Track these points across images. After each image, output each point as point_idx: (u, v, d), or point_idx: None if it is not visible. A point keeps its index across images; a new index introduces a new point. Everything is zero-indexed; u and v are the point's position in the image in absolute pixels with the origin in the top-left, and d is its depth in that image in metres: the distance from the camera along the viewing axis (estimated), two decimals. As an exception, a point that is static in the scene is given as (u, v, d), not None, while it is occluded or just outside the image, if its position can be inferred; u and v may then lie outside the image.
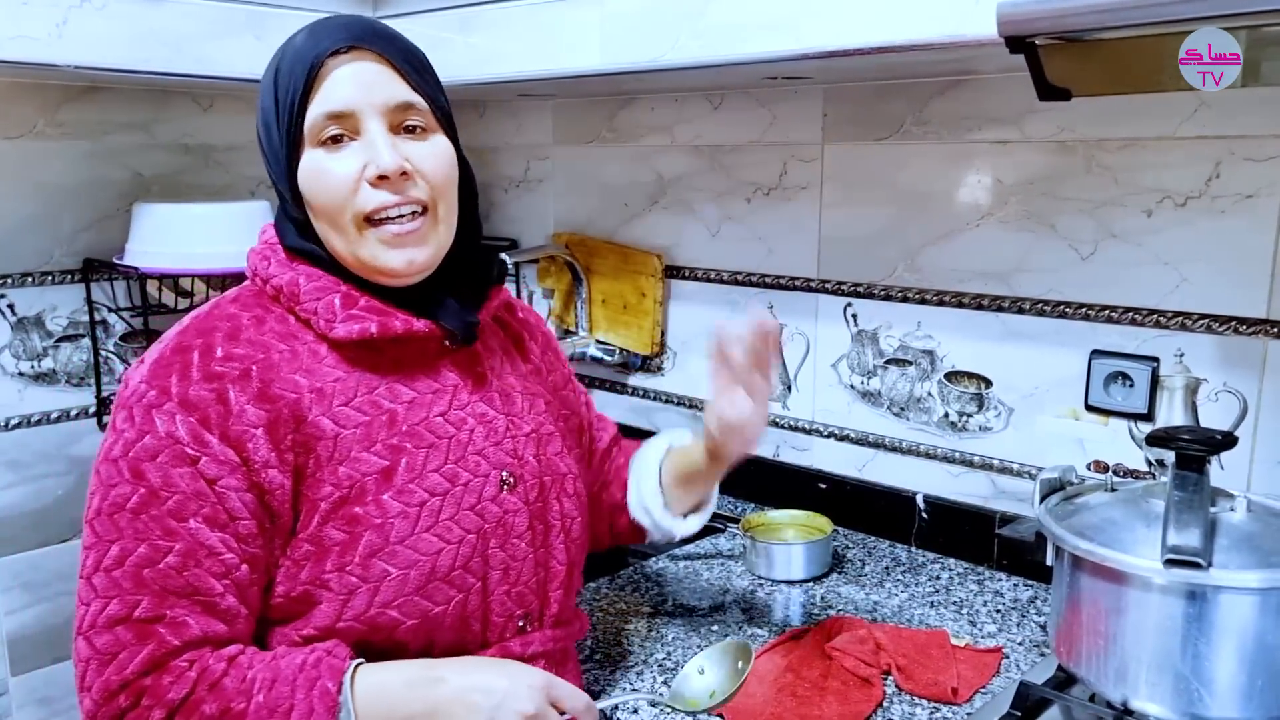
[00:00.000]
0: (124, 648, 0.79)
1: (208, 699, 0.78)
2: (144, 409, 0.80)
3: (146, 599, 0.79)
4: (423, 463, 0.87)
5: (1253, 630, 0.89)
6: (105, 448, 0.82)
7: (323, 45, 0.83)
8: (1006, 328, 1.37)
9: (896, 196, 1.46)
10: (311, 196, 0.85)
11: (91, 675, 0.79)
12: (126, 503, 0.80)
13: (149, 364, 0.83)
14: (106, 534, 0.80)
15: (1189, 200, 1.20)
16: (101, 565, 0.80)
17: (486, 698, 0.80)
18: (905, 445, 1.50)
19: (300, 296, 0.86)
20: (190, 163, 1.82)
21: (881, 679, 1.09)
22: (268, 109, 0.87)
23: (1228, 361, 1.20)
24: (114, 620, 0.79)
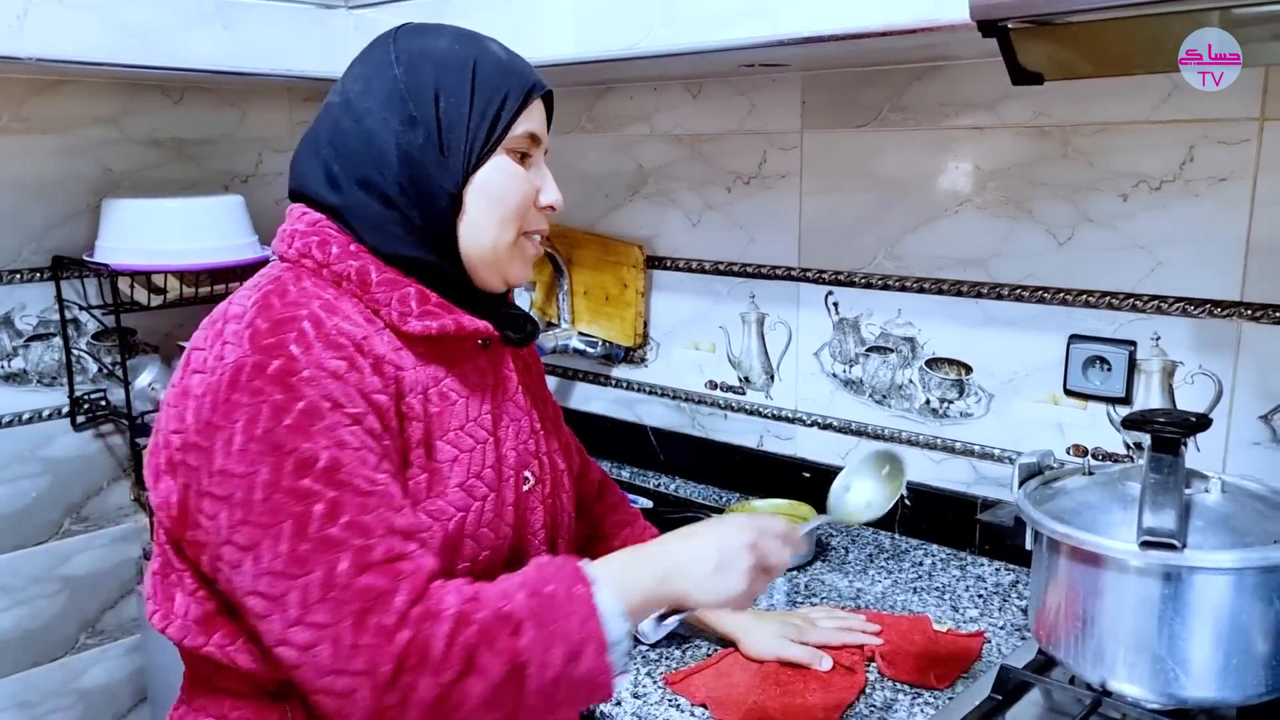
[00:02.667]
0: (379, 593, 0.74)
1: (477, 608, 0.76)
2: (276, 379, 0.76)
3: (379, 543, 0.75)
4: (481, 458, 0.89)
5: (1227, 610, 0.90)
6: (239, 430, 0.75)
7: (534, 79, 0.91)
8: (986, 314, 1.38)
9: (876, 184, 1.45)
10: (501, 194, 0.89)
11: (351, 634, 0.73)
12: (314, 464, 0.75)
13: (245, 339, 0.78)
14: (293, 503, 0.74)
15: (1163, 184, 1.21)
16: (307, 532, 0.74)
17: (717, 551, 0.85)
18: (887, 433, 1.50)
19: (371, 287, 0.85)
20: (161, 157, 1.80)
21: (865, 666, 1.09)
22: (455, 91, 0.86)
23: (1203, 344, 1.20)
24: (360, 568, 0.74)
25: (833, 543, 1.47)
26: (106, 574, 1.79)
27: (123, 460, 1.80)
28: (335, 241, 0.87)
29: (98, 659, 1.80)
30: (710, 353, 1.70)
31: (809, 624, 1.14)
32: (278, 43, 1.59)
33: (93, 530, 1.77)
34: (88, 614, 1.78)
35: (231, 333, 0.80)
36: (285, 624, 0.74)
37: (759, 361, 1.64)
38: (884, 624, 1.18)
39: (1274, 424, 1.16)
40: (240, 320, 0.81)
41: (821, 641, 1.11)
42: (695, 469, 1.75)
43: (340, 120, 0.88)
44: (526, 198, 0.91)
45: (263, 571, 0.74)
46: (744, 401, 1.67)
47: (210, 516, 0.77)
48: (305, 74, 1.64)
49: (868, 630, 1.15)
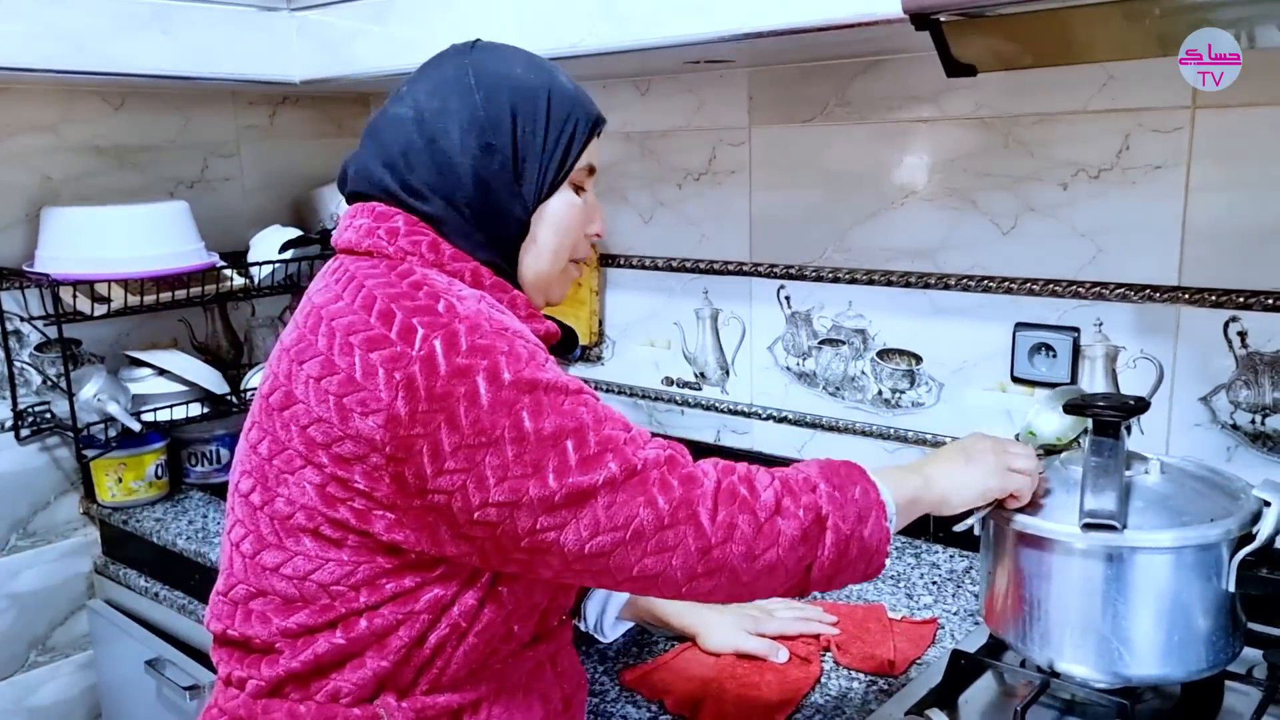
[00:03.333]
0: (666, 460, 0.81)
1: (777, 471, 0.86)
2: (497, 334, 0.79)
3: (634, 429, 0.82)
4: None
5: (1168, 588, 0.92)
6: (482, 383, 0.77)
7: (598, 112, 0.94)
8: (934, 304, 1.39)
9: (823, 178, 1.47)
10: (567, 224, 0.92)
11: (662, 494, 0.79)
12: (566, 386, 0.80)
13: (441, 309, 0.80)
14: (567, 420, 0.79)
15: (1102, 172, 1.23)
16: (588, 441, 0.78)
17: (963, 453, 0.96)
18: (842, 424, 1.51)
19: (485, 287, 0.88)
20: (103, 164, 1.76)
21: (820, 656, 1.10)
22: (530, 119, 0.89)
23: (1144, 329, 1.23)
24: (641, 445, 0.81)
25: (790, 535, 1.47)
26: (55, 590, 1.76)
27: (70, 473, 1.76)
28: (446, 244, 0.88)
29: (48, 676, 1.77)
30: (666, 349, 1.71)
31: (766, 615, 1.15)
32: (219, 46, 1.57)
33: (41, 545, 1.73)
34: (37, 631, 1.75)
35: (412, 308, 0.80)
36: (596, 520, 0.78)
37: (714, 357, 1.65)
38: (840, 613, 1.19)
39: (1213, 405, 1.19)
40: (414, 298, 0.81)
41: (778, 632, 1.12)
42: (654, 466, 1.75)
43: (414, 136, 0.88)
44: (579, 230, 0.94)
45: (556, 486, 0.77)
46: (700, 397, 1.68)
47: (468, 469, 0.77)
48: (248, 77, 1.61)
49: (824, 620, 1.17)
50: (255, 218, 1.91)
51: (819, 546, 0.83)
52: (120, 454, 1.68)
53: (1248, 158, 1.13)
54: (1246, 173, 1.13)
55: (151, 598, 1.64)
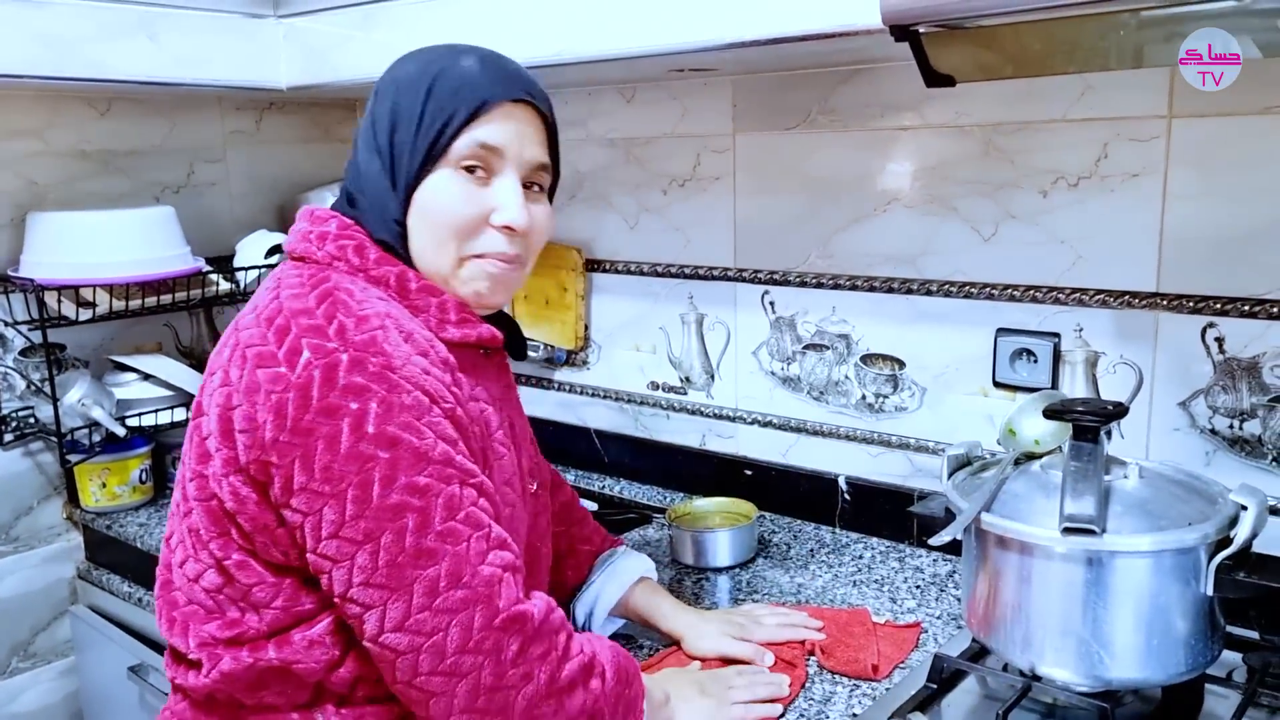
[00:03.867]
0: (500, 580, 0.78)
1: (588, 642, 0.86)
2: (379, 376, 0.76)
3: (490, 530, 0.79)
4: (510, 467, 0.91)
5: (1147, 592, 0.93)
6: (347, 426, 0.75)
7: (501, 88, 0.87)
8: (916, 309, 1.40)
9: (807, 184, 1.48)
10: (434, 211, 0.86)
11: (481, 617, 0.77)
12: (428, 458, 0.76)
13: (332, 333, 0.78)
14: (414, 498, 0.75)
15: (1081, 180, 1.24)
16: (430, 525, 0.75)
17: (712, 684, 1.01)
18: (826, 429, 1.52)
19: (410, 294, 0.86)
20: (88, 169, 1.76)
21: (805, 660, 1.11)
22: (405, 113, 0.87)
23: (1123, 334, 1.24)
24: (481, 556, 0.77)
25: (774, 539, 1.48)
26: (38, 595, 1.75)
27: (53, 478, 1.75)
28: (372, 247, 0.87)
29: (30, 683, 1.75)
30: (651, 354, 1.71)
31: (753, 621, 1.15)
32: (205, 52, 1.57)
33: (23, 550, 1.72)
34: (19, 636, 1.74)
35: (307, 327, 0.78)
36: (405, 614, 0.75)
37: (699, 361, 1.65)
38: (824, 618, 1.20)
39: (1192, 410, 1.20)
40: (312, 316, 0.79)
41: (765, 639, 1.13)
42: (639, 470, 1.76)
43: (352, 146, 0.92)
44: (462, 217, 0.86)
45: (382, 564, 0.75)
46: (685, 401, 1.68)
47: (308, 513, 0.76)
48: (235, 84, 1.61)
49: (810, 626, 1.17)
50: (241, 223, 1.91)
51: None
52: (104, 459, 1.68)
53: (1224, 166, 1.14)
54: (1223, 180, 1.14)
55: (135, 603, 1.63)
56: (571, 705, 0.81)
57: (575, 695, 0.82)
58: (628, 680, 0.88)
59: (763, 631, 1.14)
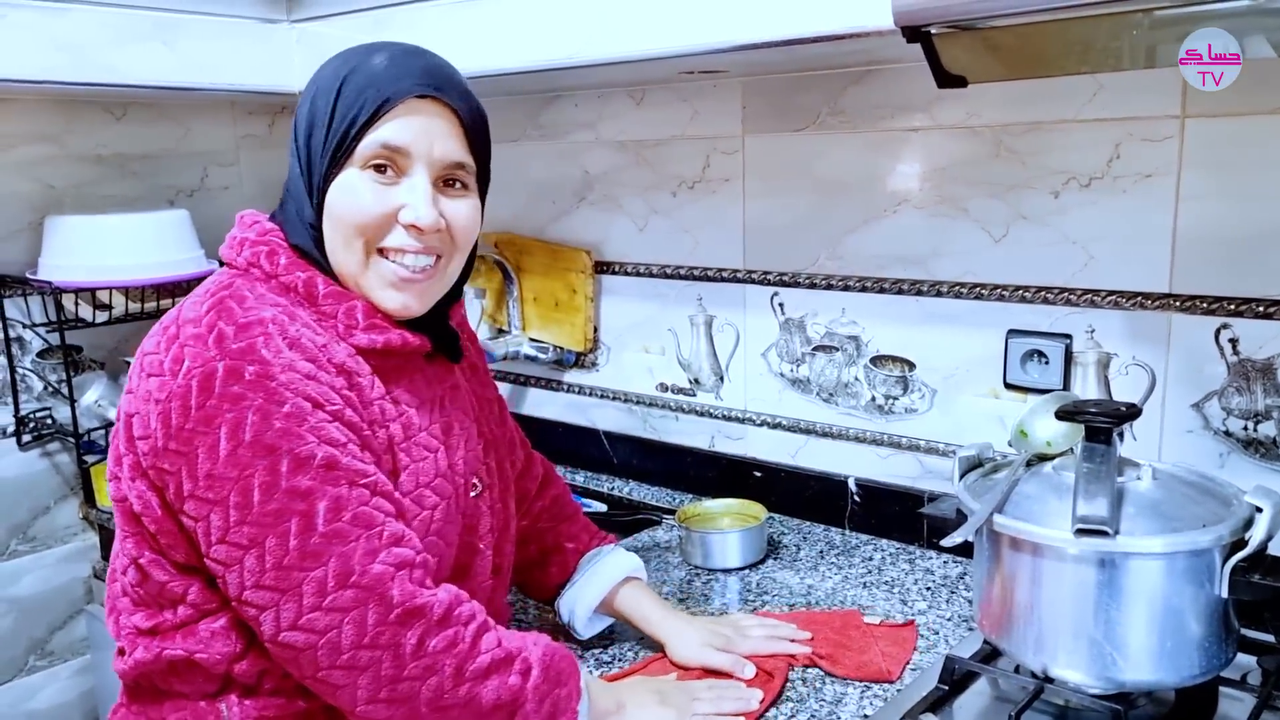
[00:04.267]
0: (394, 575, 0.78)
1: (505, 636, 0.85)
2: (254, 384, 0.77)
3: (384, 528, 0.80)
4: (433, 468, 0.90)
5: (1160, 594, 0.92)
6: (225, 435, 0.76)
7: (405, 85, 0.85)
8: (926, 311, 1.40)
9: (816, 186, 1.48)
10: (339, 211, 0.86)
11: (375, 612, 0.77)
12: (311, 463, 0.77)
13: (211, 341, 0.78)
14: (296, 501, 0.77)
15: (1092, 181, 1.24)
16: (315, 527, 0.76)
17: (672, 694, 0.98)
18: (835, 430, 1.52)
19: (318, 299, 0.87)
20: (104, 173, 1.78)
21: (787, 670, 1.08)
22: (319, 114, 0.87)
23: (1136, 336, 1.24)
24: (372, 554, 0.78)
25: (784, 540, 1.48)
26: (55, 594, 1.76)
27: (70, 479, 1.77)
28: (284, 252, 0.88)
29: (47, 681, 1.77)
30: (660, 355, 1.71)
31: (738, 632, 1.12)
32: (219, 58, 1.58)
33: (40, 550, 1.74)
34: (36, 635, 1.75)
35: (190, 336, 0.80)
36: (299, 613, 0.76)
37: (708, 363, 1.66)
38: (816, 622, 1.18)
39: (1205, 412, 1.20)
40: (198, 324, 0.80)
41: (750, 651, 1.09)
42: (648, 471, 1.76)
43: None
44: (369, 216, 0.85)
45: (270, 567, 0.76)
46: (694, 403, 1.69)
47: (197, 519, 0.78)
48: (248, 88, 1.63)
49: (798, 639, 1.14)
50: (254, 226, 1.92)
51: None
52: (119, 461, 1.69)
53: (1237, 166, 1.14)
54: (1236, 181, 1.14)
55: (150, 604, 1.64)
56: (485, 697, 0.81)
57: (488, 687, 0.81)
58: (559, 680, 0.87)
59: (747, 643, 1.11)
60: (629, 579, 1.15)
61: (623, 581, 1.15)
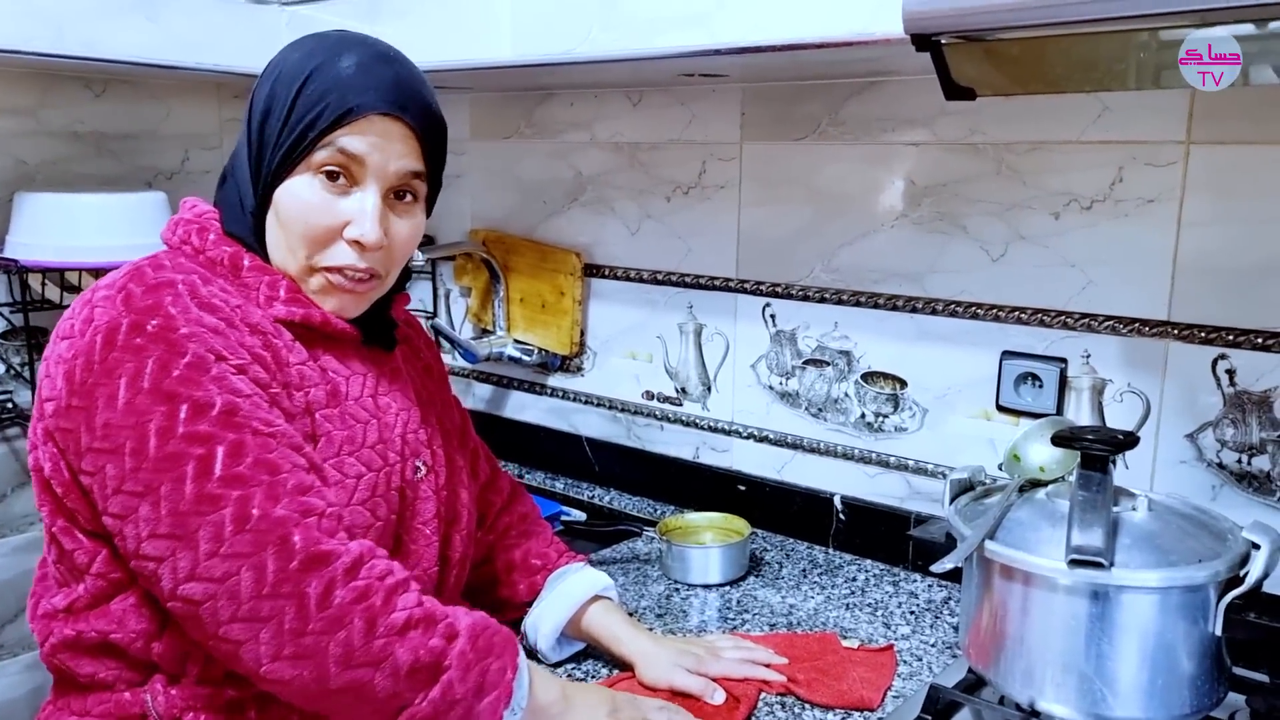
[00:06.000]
0: (298, 522, 0.75)
1: (427, 600, 0.81)
2: (157, 335, 0.77)
3: (289, 477, 0.77)
4: (361, 437, 0.89)
5: (1153, 629, 0.90)
6: (124, 385, 0.75)
7: (369, 99, 0.84)
8: (920, 328, 1.38)
9: (813, 196, 1.45)
10: (286, 215, 0.86)
11: (275, 560, 0.74)
12: (210, 409, 0.76)
13: (118, 301, 0.78)
14: (194, 446, 0.74)
15: (1094, 203, 1.22)
16: (212, 471, 0.74)
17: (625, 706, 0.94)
18: (823, 446, 1.49)
19: (242, 272, 0.87)
20: (80, 151, 1.72)
21: (757, 697, 1.04)
22: (276, 103, 0.86)
23: (1131, 362, 1.22)
24: (273, 499, 0.75)
25: (766, 557, 1.45)
26: (6, 586, 1.70)
27: (28, 466, 1.71)
28: (213, 230, 0.89)
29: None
30: (647, 363, 1.68)
31: (711, 654, 1.08)
32: (205, 36, 1.53)
33: (-5, 540, 1.68)
34: (-12, 629, 1.69)
35: (102, 298, 0.80)
36: (195, 561, 0.74)
37: (696, 372, 1.62)
38: (793, 645, 1.15)
39: (1199, 443, 1.18)
40: (110, 288, 0.81)
41: (722, 674, 1.05)
42: (631, 481, 1.72)
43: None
44: (316, 228, 0.86)
45: (166, 514, 0.74)
46: (680, 413, 1.65)
47: (93, 472, 0.77)
48: (234, 69, 1.58)
49: (774, 664, 1.10)
50: (235, 213, 1.87)
51: (420, 694, 0.77)
52: (83, 449, 1.64)
53: (1241, 194, 1.12)
54: (1239, 209, 1.12)
55: (109, 598, 1.59)
56: (401, 656, 0.76)
57: (405, 645, 0.77)
58: (489, 650, 0.82)
59: (719, 665, 1.06)
60: (598, 598, 1.11)
61: (591, 600, 1.11)
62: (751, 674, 1.08)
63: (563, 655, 1.12)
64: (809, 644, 1.16)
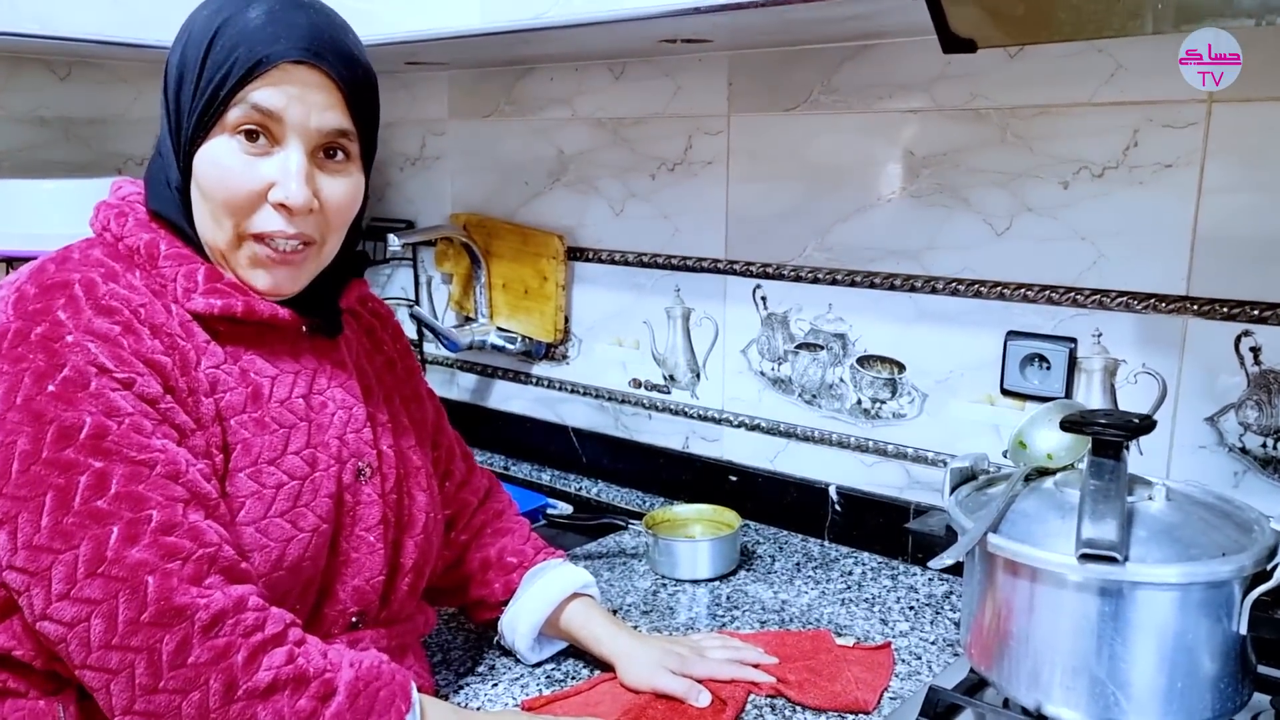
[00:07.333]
0: (154, 567, 0.69)
1: (303, 651, 0.75)
2: (39, 344, 0.71)
3: (156, 512, 0.71)
4: (284, 443, 0.82)
5: (1172, 629, 0.82)
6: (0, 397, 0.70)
7: (280, 47, 0.77)
8: (919, 308, 1.30)
9: (806, 170, 1.37)
10: (205, 183, 0.80)
11: (127, 609, 0.68)
12: (78, 434, 0.70)
13: (10, 304, 0.74)
14: (54, 474, 0.69)
15: (1106, 171, 1.13)
16: (70, 504, 0.69)
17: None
18: (817, 434, 1.42)
19: (158, 261, 0.80)
20: (46, 137, 1.66)
21: (744, 700, 0.98)
22: (188, 66, 0.79)
23: (1147, 341, 1.14)
24: (130, 540, 0.69)
25: (758, 550, 1.38)
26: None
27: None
28: (134, 215, 0.82)
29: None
30: (634, 349, 1.60)
31: (696, 654, 1.02)
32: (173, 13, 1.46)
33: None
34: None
35: (0, 298, 0.75)
36: (48, 600, 0.69)
37: (684, 359, 1.55)
38: (784, 644, 1.08)
39: (1220, 426, 1.10)
40: (10, 287, 0.75)
41: (708, 675, 0.99)
42: (618, 471, 1.65)
43: None
44: (238, 193, 0.79)
45: (20, 545, 0.69)
46: (669, 401, 1.58)
47: None
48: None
49: (763, 664, 1.03)
50: (207, 198, 1.81)
51: None
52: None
53: (1268, 157, 1.03)
54: (1266, 174, 1.04)
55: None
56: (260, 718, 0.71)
57: (268, 709, 0.71)
58: (371, 709, 0.76)
59: (705, 666, 1.00)
60: (577, 595, 1.05)
61: (570, 598, 1.04)
62: (739, 675, 1.01)
63: (543, 656, 1.06)
64: (801, 642, 1.09)
